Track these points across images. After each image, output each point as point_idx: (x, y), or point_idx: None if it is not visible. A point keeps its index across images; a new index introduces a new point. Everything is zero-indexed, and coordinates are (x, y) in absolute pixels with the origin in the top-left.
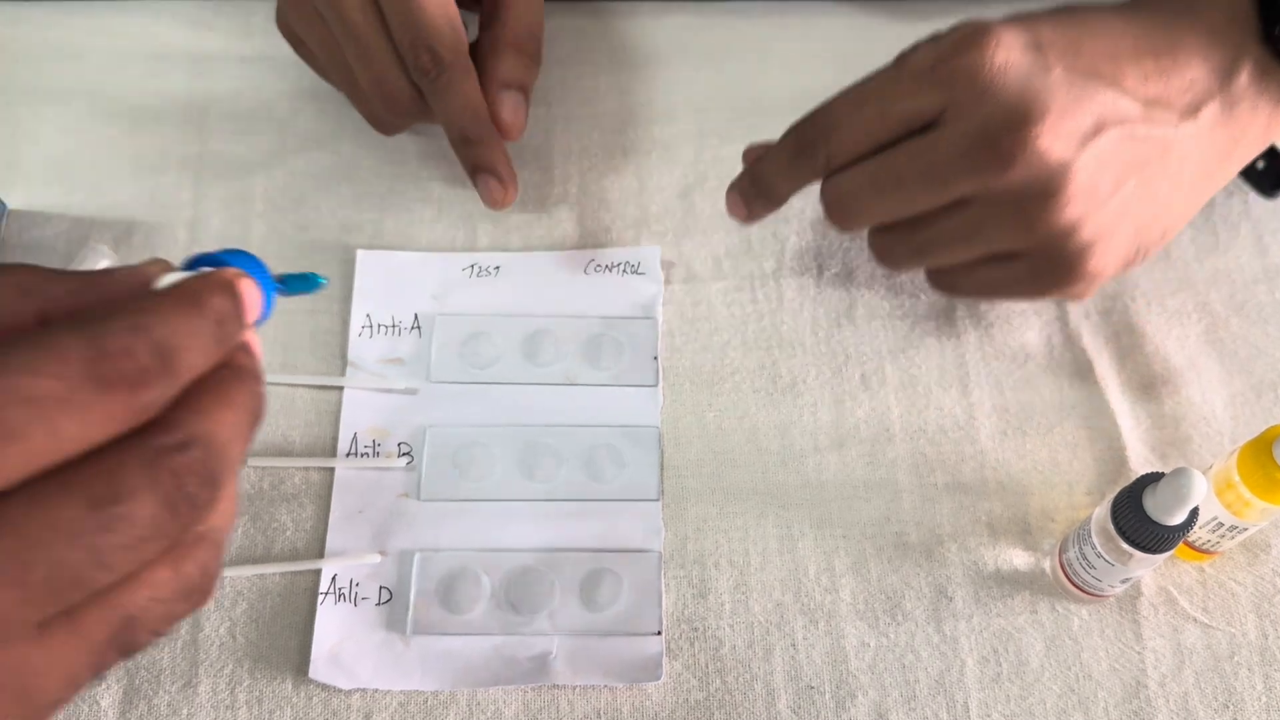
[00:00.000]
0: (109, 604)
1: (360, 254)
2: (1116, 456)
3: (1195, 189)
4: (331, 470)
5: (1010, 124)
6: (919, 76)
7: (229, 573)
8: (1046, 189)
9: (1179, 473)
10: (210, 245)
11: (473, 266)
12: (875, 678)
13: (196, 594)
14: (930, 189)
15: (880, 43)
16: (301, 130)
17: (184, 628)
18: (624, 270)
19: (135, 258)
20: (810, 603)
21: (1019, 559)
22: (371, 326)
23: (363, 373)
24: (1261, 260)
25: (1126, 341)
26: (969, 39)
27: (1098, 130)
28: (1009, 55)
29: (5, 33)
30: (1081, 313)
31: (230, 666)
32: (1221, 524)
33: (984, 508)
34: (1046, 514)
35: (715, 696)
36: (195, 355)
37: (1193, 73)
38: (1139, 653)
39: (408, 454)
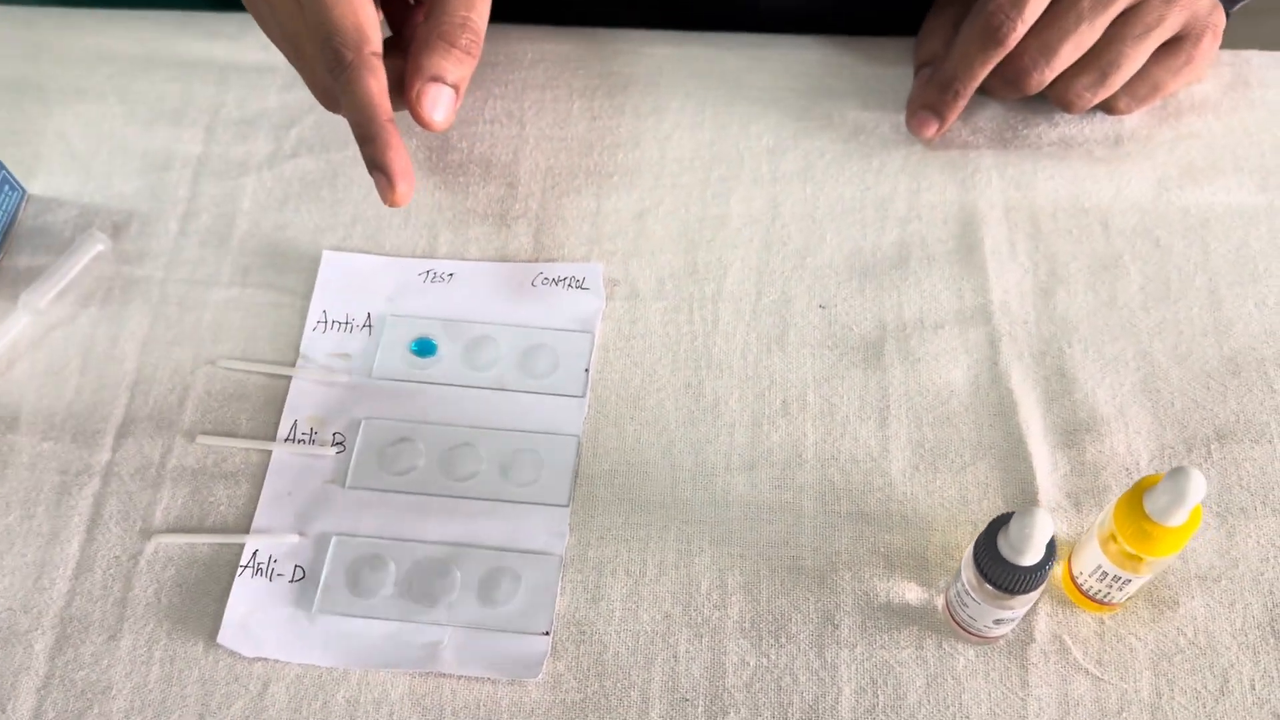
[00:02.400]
0: None
1: (325, 254)
2: (1028, 500)
3: None
4: (269, 453)
5: None
6: None
7: (163, 539)
8: None
9: (1024, 512)
10: (198, 238)
11: (428, 272)
12: (749, 696)
13: None
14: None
15: (853, 79)
16: (295, 138)
17: (116, 585)
18: (569, 285)
19: (130, 245)
20: (698, 617)
21: (912, 593)
22: (326, 322)
23: (312, 364)
24: (1214, 313)
25: (1056, 386)
26: None
27: None
28: None
29: (51, 36)
30: (1015, 354)
31: (151, 625)
32: (1106, 573)
33: (884, 539)
34: (947, 551)
35: (591, 699)
36: None
37: None
38: (1022, 699)
39: (340, 443)
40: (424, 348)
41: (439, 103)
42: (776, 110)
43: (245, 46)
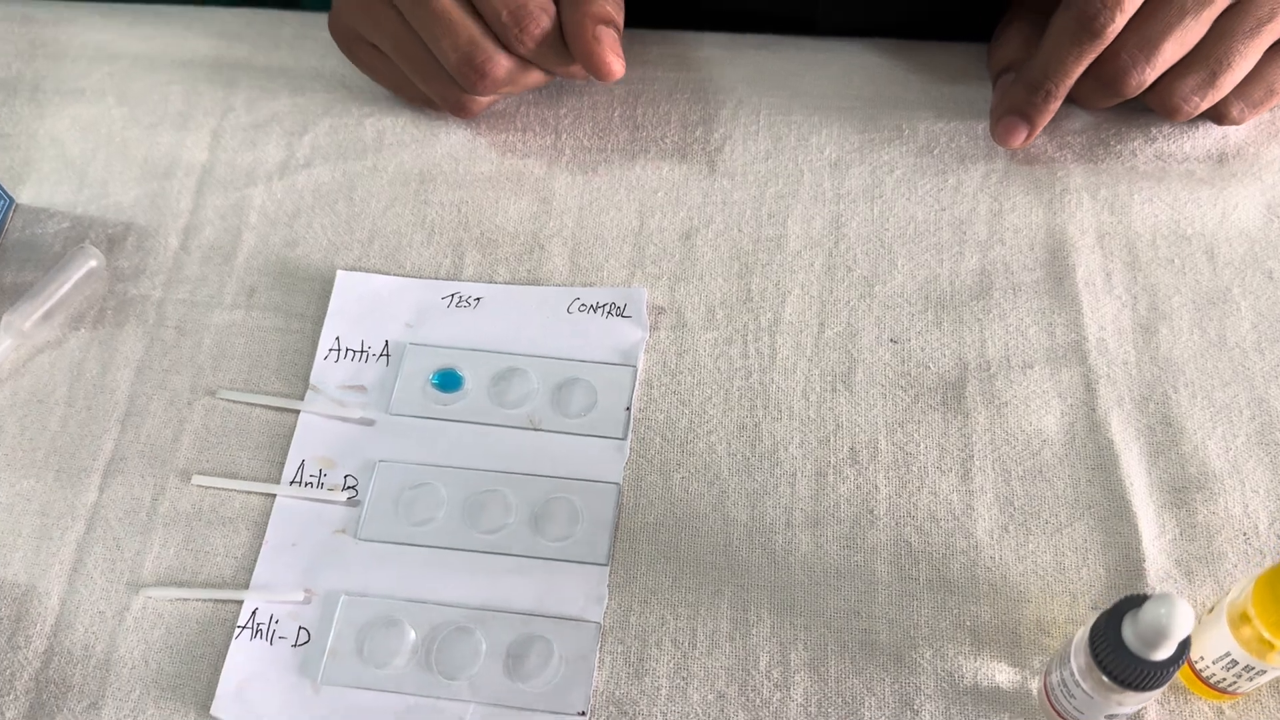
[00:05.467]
0: None
1: (340, 274)
2: (1133, 568)
3: None
4: (273, 497)
5: None
6: None
7: (152, 593)
8: None
9: (1159, 600)
10: (200, 254)
11: (453, 296)
12: None
13: None
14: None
15: (923, 87)
16: (308, 145)
17: (99, 646)
18: (608, 312)
19: (125, 261)
20: (756, 698)
21: (1002, 675)
22: (340, 350)
23: (322, 397)
24: None
25: (1162, 436)
26: None
27: None
28: None
29: (48, 32)
30: (1114, 399)
31: (137, 692)
32: (1236, 662)
33: (970, 611)
34: (1042, 626)
35: None
36: None
37: None
38: None
39: (353, 488)
40: (447, 380)
41: (616, 46)
42: (839, 120)
43: (256, 45)
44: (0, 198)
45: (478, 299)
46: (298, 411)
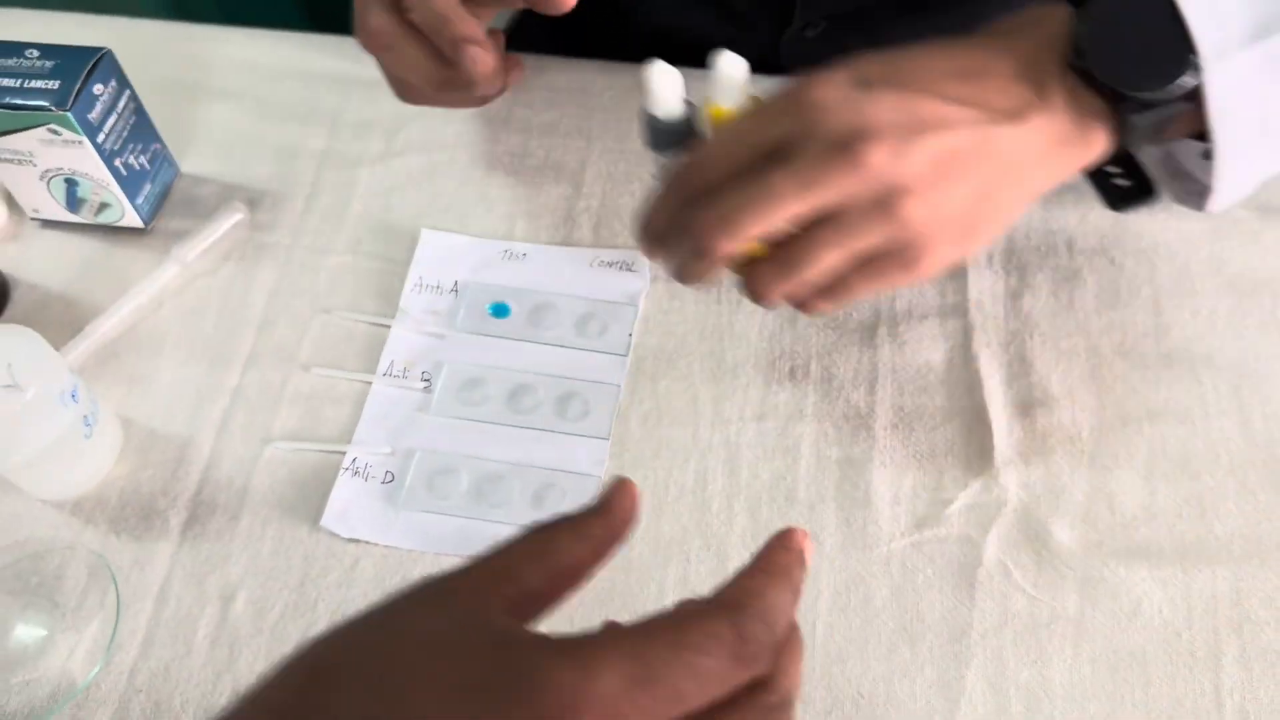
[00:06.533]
0: None
1: (424, 232)
2: (985, 455)
3: (1025, 185)
4: (369, 384)
5: (852, 134)
6: (770, 110)
7: (278, 445)
8: (891, 187)
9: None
10: (319, 214)
11: (506, 251)
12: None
13: None
14: (795, 194)
15: None
16: (403, 140)
17: (238, 480)
18: (620, 267)
19: (263, 217)
20: (707, 530)
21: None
22: (421, 285)
23: (408, 317)
24: (1155, 318)
25: (1017, 369)
26: (808, 82)
27: (928, 131)
28: (840, 89)
29: (205, 47)
30: (984, 342)
31: (265, 510)
32: None
33: (865, 478)
34: (915, 491)
35: (618, 587)
36: (786, 622)
37: (1010, 86)
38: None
39: (427, 381)
40: (499, 310)
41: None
42: None
43: (356, 63)
44: (170, 165)
45: (525, 254)
46: (389, 326)
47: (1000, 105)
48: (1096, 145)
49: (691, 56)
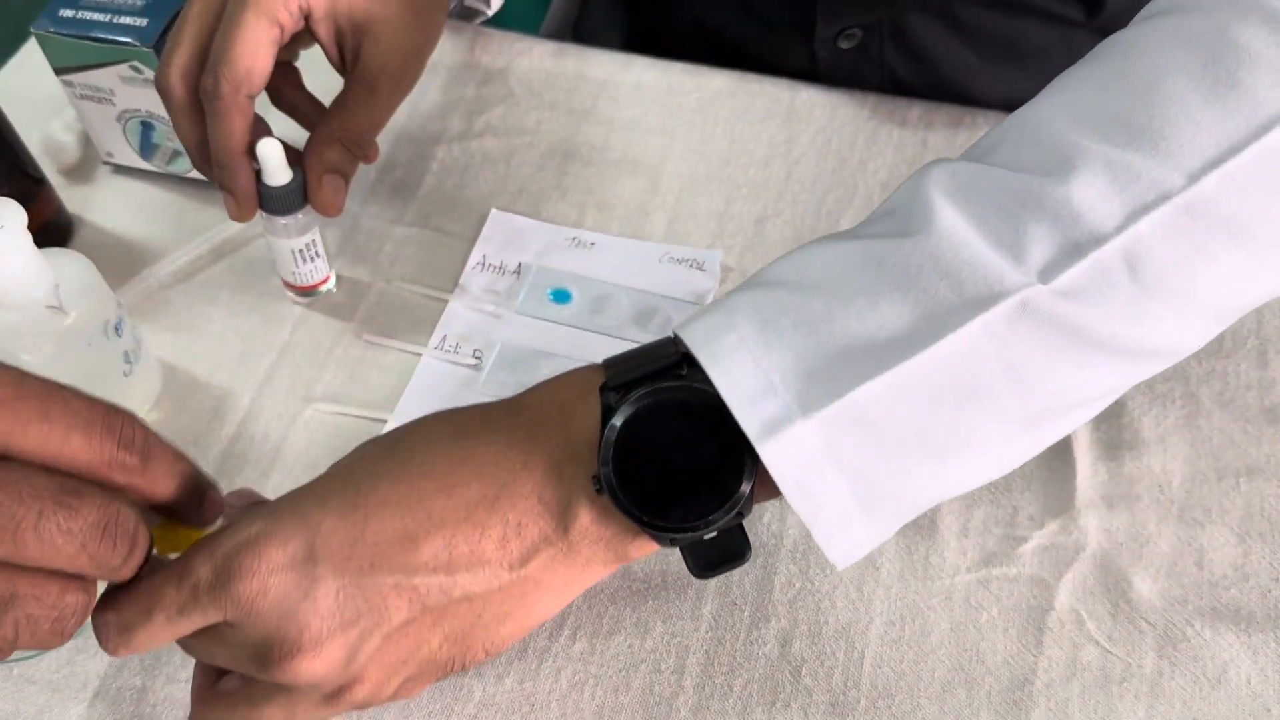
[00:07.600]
0: None
1: (493, 212)
2: (1066, 495)
3: (530, 615)
4: (419, 356)
5: (275, 647)
6: (198, 594)
7: (319, 407)
8: (336, 685)
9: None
10: (390, 186)
11: (574, 239)
12: None
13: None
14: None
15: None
16: (483, 123)
17: (274, 437)
18: (690, 265)
19: None
20: None
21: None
22: (484, 265)
23: (467, 294)
24: (1260, 371)
25: (1108, 409)
26: (237, 566)
27: (366, 629)
28: (273, 579)
29: None
30: None
31: (298, 470)
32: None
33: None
34: (985, 526)
35: None
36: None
37: (523, 521)
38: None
39: (478, 358)
40: (560, 295)
41: (338, 191)
42: (893, 153)
43: (444, 49)
44: None
45: (592, 243)
46: (446, 301)
47: (507, 555)
48: (649, 544)
49: (730, 57)
